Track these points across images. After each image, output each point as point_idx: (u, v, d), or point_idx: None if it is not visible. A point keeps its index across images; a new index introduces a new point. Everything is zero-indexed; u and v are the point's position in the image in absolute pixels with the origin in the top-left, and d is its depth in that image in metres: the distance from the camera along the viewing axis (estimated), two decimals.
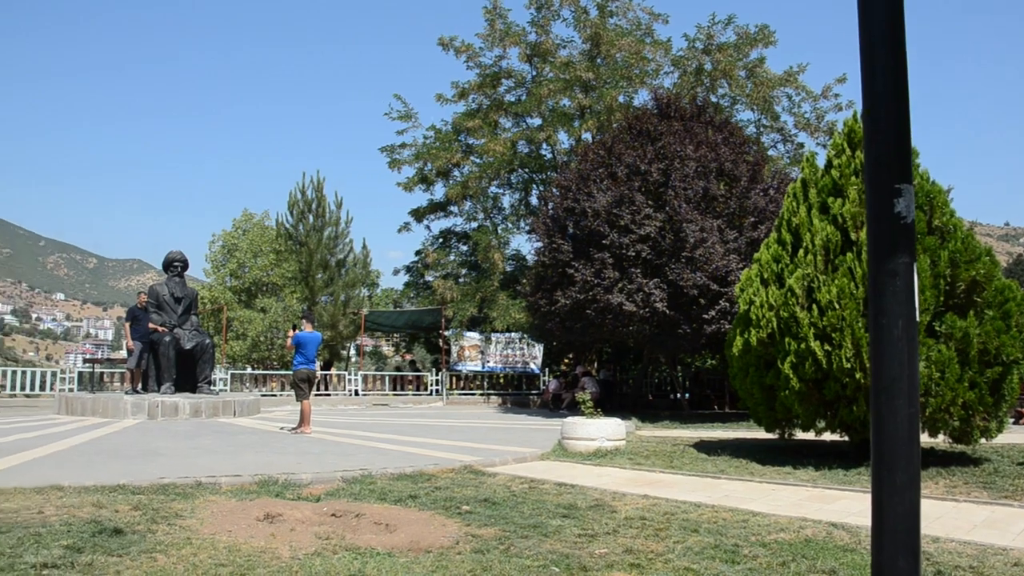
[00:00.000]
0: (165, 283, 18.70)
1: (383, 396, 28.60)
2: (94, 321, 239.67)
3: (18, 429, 13.94)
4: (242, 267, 35.33)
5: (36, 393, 23.69)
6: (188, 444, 12.06)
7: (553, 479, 9.26)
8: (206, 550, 5.55)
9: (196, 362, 18.19)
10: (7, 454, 10.30)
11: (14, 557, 5.26)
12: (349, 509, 7.08)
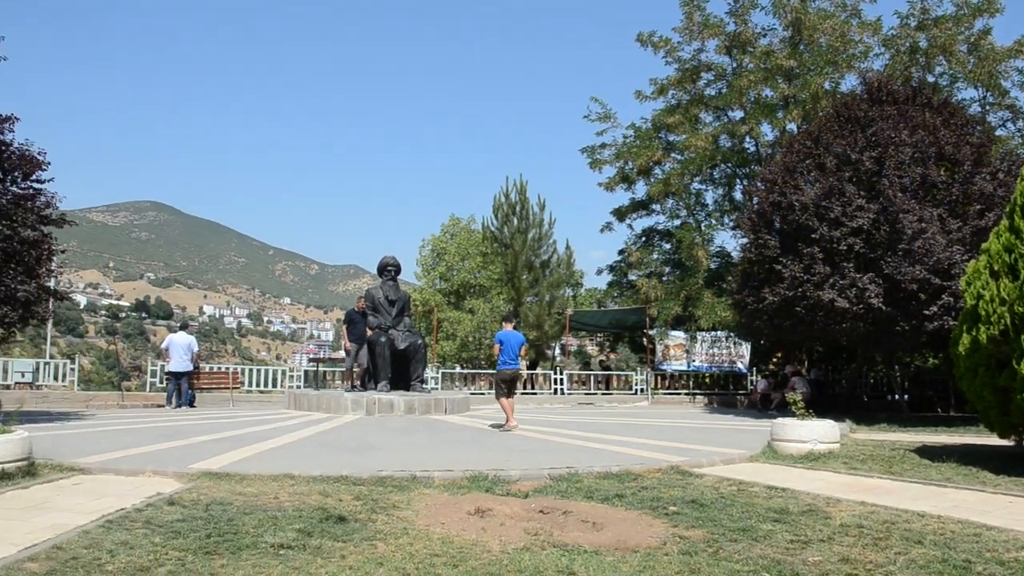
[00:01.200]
0: (380, 287, 19.73)
1: (588, 395, 28.79)
2: (316, 323, 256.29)
3: (255, 422, 15.20)
4: (451, 270, 36.72)
5: (268, 389, 25.70)
6: (403, 439, 12.68)
7: (763, 482, 8.99)
8: (421, 540, 5.84)
9: (409, 361, 19.06)
10: (247, 444, 11.30)
11: (256, 536, 5.80)
12: (556, 506, 7.21)
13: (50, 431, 12.48)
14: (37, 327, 20.16)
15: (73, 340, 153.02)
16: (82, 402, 21.17)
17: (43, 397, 21.48)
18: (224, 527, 6.07)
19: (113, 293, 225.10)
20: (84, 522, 6.33)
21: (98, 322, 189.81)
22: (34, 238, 14.35)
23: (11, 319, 13.93)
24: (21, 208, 14.23)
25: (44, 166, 14.94)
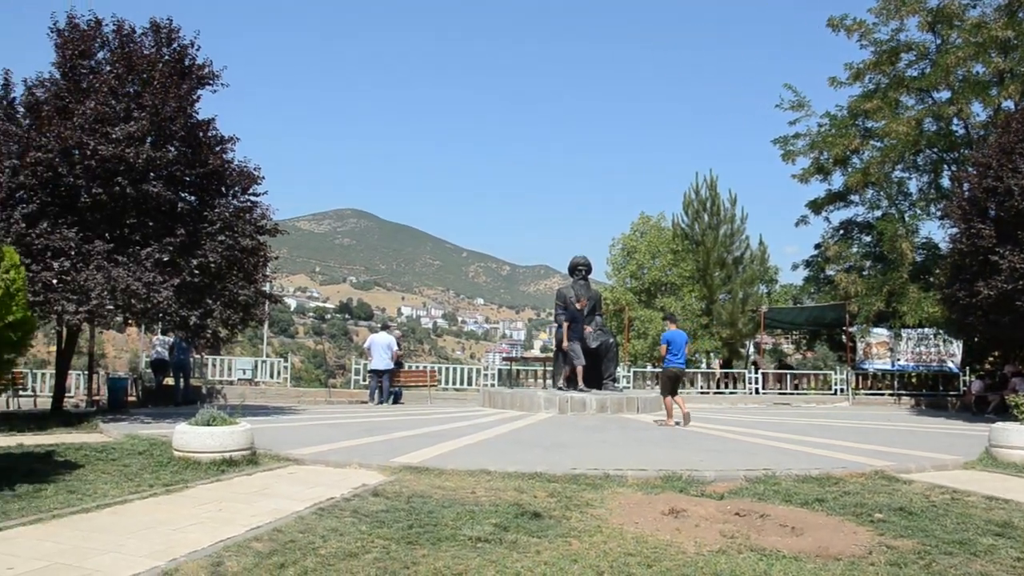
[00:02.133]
0: (571, 286, 19.92)
1: (784, 395, 27.80)
2: (508, 323, 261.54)
3: (451, 419, 15.75)
4: (641, 268, 36.51)
5: (463, 387, 26.52)
6: (595, 437, 12.75)
7: (981, 491, 8.37)
8: (615, 539, 5.87)
9: (601, 360, 19.13)
10: (445, 440, 11.74)
11: (455, 529, 6.03)
12: (753, 509, 7.03)
13: (267, 424, 13.48)
14: (255, 328, 21.79)
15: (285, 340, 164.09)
16: (294, 398, 22.66)
17: (261, 393, 23.19)
18: (424, 519, 6.35)
19: (319, 296, 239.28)
20: (299, 508, 6.81)
21: (306, 323, 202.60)
22: (252, 247, 15.57)
23: (234, 321, 15.17)
24: (241, 220, 15.47)
25: (259, 180, 16.19)
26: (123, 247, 13.97)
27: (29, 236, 13.04)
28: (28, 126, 14.25)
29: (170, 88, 14.72)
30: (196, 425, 9.27)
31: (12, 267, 7.73)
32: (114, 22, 15.34)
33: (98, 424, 13.53)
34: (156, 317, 14.48)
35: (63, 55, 14.93)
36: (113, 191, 13.80)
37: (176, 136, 14.87)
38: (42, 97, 14.51)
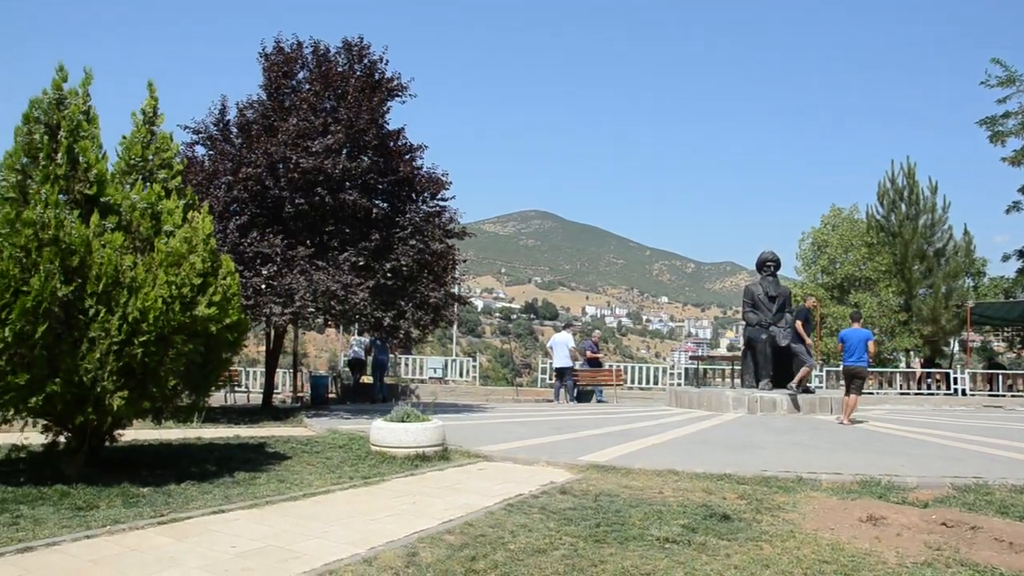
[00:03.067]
0: (759, 283, 19.34)
1: (994, 397, 25.78)
2: (693, 321, 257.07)
3: (637, 418, 15.69)
4: (833, 263, 34.95)
5: (648, 386, 26.35)
6: (786, 439, 12.33)
7: None
8: (809, 545, 5.67)
9: (792, 359, 18.47)
10: (631, 439, 11.72)
11: (642, 528, 6.02)
12: (962, 520, 6.59)
13: (457, 421, 13.91)
14: (444, 328, 22.56)
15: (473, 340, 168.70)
16: (482, 396, 23.28)
17: (451, 391, 23.98)
18: (612, 517, 6.38)
19: (505, 296, 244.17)
20: (489, 504, 7.01)
21: (493, 323, 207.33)
22: (441, 250, 16.16)
23: (425, 322, 15.80)
24: (430, 224, 16.11)
25: (447, 185, 16.79)
26: (323, 252, 14.88)
27: (242, 245, 14.14)
28: (240, 145, 15.46)
29: (362, 102, 15.57)
30: (391, 422, 9.73)
31: (228, 274, 8.42)
32: (312, 43, 16.39)
33: (303, 419, 14.45)
34: (353, 318, 15.30)
35: (269, 77, 16.14)
36: (313, 200, 14.74)
37: (369, 146, 15.69)
38: (251, 117, 15.71)
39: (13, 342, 6.84)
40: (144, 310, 7.27)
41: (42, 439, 8.63)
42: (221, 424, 13.54)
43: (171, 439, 11.17)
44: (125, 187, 8.50)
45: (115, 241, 7.48)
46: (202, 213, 8.41)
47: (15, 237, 7.06)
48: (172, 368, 7.66)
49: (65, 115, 7.99)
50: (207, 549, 5.54)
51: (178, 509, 6.72)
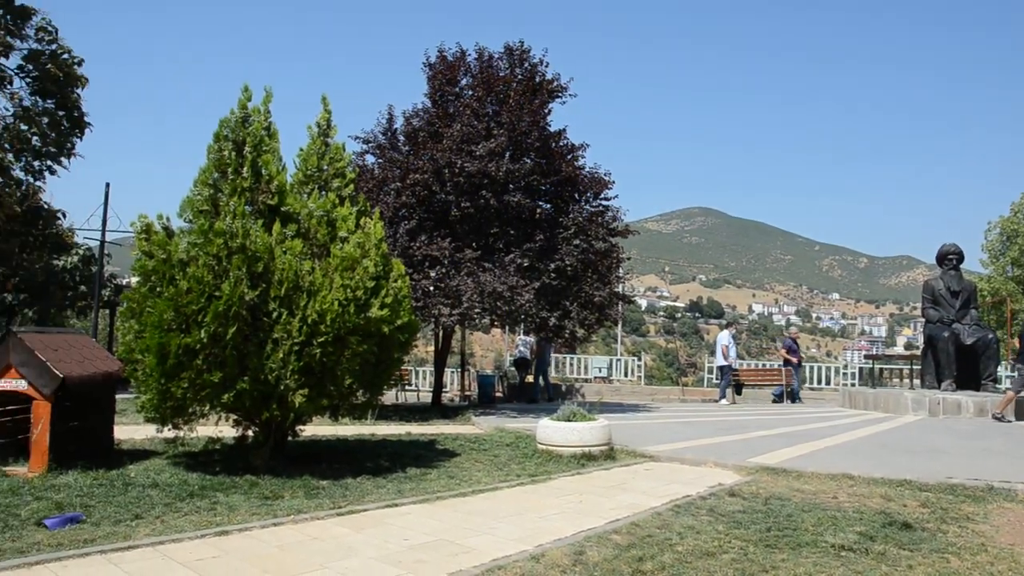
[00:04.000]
0: (940, 277, 18.25)
1: None
2: (867, 319, 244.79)
3: (808, 419, 15.14)
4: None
5: (819, 387, 25.33)
6: (973, 444, 11.57)
7: None
8: (1003, 560, 5.30)
9: (978, 358, 17.31)
10: (803, 441, 11.33)
11: (815, 535, 5.81)
12: None
13: (623, 420, 13.87)
14: (609, 328, 22.52)
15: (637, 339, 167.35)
16: (647, 395, 23.09)
17: (616, 390, 23.92)
18: (783, 522, 6.20)
19: (669, 295, 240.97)
20: (655, 504, 6.97)
21: (657, 322, 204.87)
22: (605, 249, 16.17)
23: (590, 321, 15.85)
24: (594, 223, 16.15)
25: (610, 185, 16.78)
26: (488, 254, 15.19)
27: (411, 248, 14.65)
28: (407, 152, 16.02)
29: (524, 105, 15.80)
30: (558, 420, 9.82)
31: (399, 277, 8.76)
32: (475, 50, 16.77)
33: (471, 417, 14.80)
34: (519, 318, 15.53)
35: (433, 86, 16.66)
36: (479, 203, 15.08)
37: (531, 148, 15.90)
38: (417, 125, 16.26)
39: (208, 343, 7.40)
40: (322, 312, 7.68)
41: (233, 432, 9.27)
42: (393, 421, 14.08)
43: (347, 435, 11.72)
44: (303, 196, 9.01)
45: (295, 248, 7.95)
46: (373, 219, 8.79)
47: (208, 246, 7.64)
48: (348, 367, 8.04)
49: (249, 132, 8.55)
50: (382, 540, 5.80)
51: (355, 502, 7.06)
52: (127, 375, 8.41)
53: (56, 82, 18.12)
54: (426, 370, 26.66)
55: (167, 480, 7.69)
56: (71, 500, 6.77)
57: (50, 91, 18.21)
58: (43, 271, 18.41)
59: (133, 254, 8.35)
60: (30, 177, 18.39)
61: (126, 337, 8.27)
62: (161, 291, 7.76)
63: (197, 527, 6.03)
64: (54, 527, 5.92)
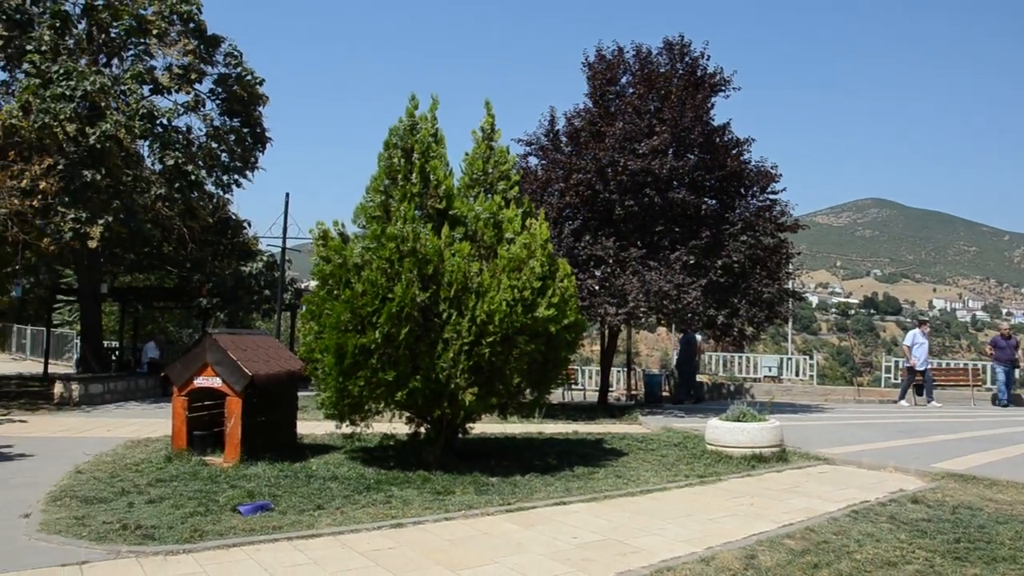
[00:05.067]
0: None
1: None
2: None
3: (1002, 423, 14.09)
4: None
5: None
6: None
7: None
8: None
9: None
10: (995, 446, 10.56)
11: (1014, 549, 5.41)
12: None
13: (795, 421, 13.41)
14: (779, 326, 21.82)
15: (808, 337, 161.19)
16: (820, 396, 22.19)
17: (786, 390, 23.12)
18: (974, 533, 5.82)
19: (842, 291, 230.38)
20: (831, 509, 6.71)
21: (829, 319, 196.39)
22: (773, 244, 15.69)
23: (759, 319, 15.41)
24: (761, 218, 15.71)
25: (777, 178, 16.27)
26: (653, 252, 15.06)
27: (576, 248, 14.73)
28: (569, 152, 16.11)
29: (686, 100, 15.57)
30: (727, 420, 9.62)
31: (565, 276, 8.83)
32: (634, 47, 16.67)
33: (637, 416, 14.70)
34: (685, 317, 15.32)
35: (593, 85, 16.69)
36: (642, 201, 14.98)
37: (695, 144, 15.65)
38: (579, 125, 16.32)
39: (382, 343, 7.71)
40: (490, 313, 7.85)
41: (406, 429, 9.63)
42: (560, 420, 14.19)
43: (515, 433, 11.92)
44: (470, 199, 9.23)
45: (463, 250, 8.16)
46: (538, 220, 8.90)
47: (381, 250, 7.97)
48: (516, 366, 8.18)
49: (417, 139, 8.86)
50: (550, 538, 5.87)
51: (523, 499, 7.18)
52: (308, 374, 8.90)
53: (241, 102, 19.41)
54: (591, 369, 26.71)
55: (345, 473, 8.08)
56: (260, 489, 7.23)
57: (236, 111, 19.52)
58: (232, 277, 19.73)
59: (312, 259, 8.84)
60: (219, 190, 19.81)
61: (307, 338, 8.75)
62: (338, 294, 8.16)
63: (374, 519, 6.30)
64: (247, 513, 6.35)
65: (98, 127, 15.60)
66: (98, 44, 18.32)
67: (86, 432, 11.50)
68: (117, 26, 17.98)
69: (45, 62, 16.11)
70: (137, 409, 14.84)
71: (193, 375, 8.82)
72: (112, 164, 16.09)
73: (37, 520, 6.18)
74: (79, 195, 15.59)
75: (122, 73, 18.03)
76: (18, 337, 31.73)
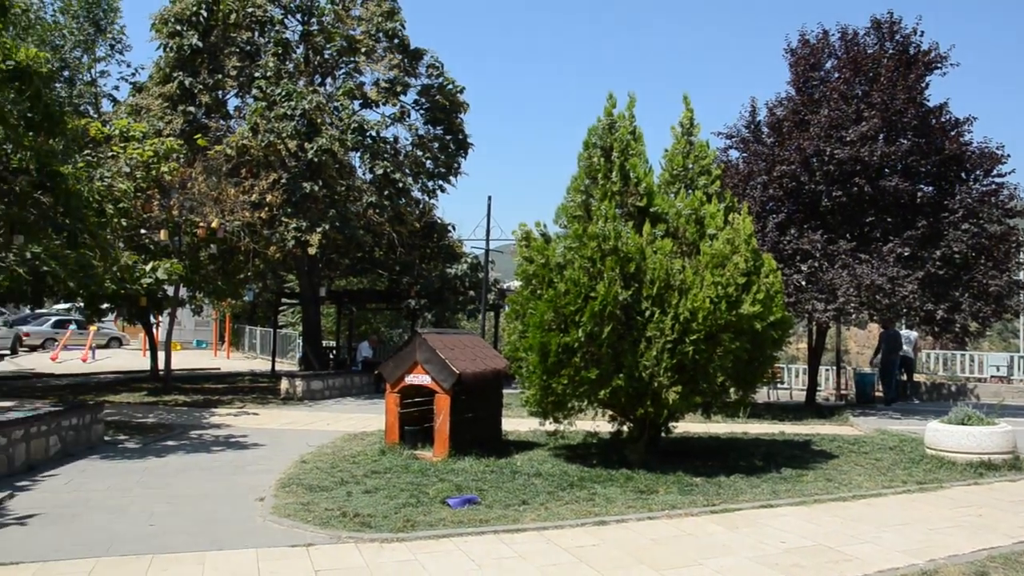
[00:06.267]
0: None
1: None
2: None
3: None
4: None
5: None
6: None
7: None
8: None
9: None
10: None
11: None
12: None
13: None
14: (1008, 321, 20.15)
15: None
16: None
17: (1018, 391, 21.26)
18: None
19: None
20: None
21: None
22: (1000, 232, 14.47)
23: (984, 313, 14.25)
24: (986, 204, 14.51)
25: (1004, 160, 14.97)
26: (864, 245, 14.31)
27: (780, 243, 14.23)
28: (772, 143, 15.58)
29: (897, 81, 14.66)
30: (950, 424, 9.01)
31: (770, 272, 8.57)
32: (839, 29, 15.88)
33: (848, 417, 14.03)
34: (900, 312, 14.43)
35: (796, 72, 16.03)
36: (851, 191, 14.26)
37: (908, 128, 14.70)
38: (781, 115, 15.74)
39: (585, 341, 7.81)
40: (693, 310, 7.76)
41: (608, 428, 9.68)
42: (765, 420, 13.78)
43: (718, 433, 11.69)
44: (670, 196, 9.17)
45: (665, 247, 8.11)
46: (742, 214, 8.70)
47: (583, 250, 8.06)
48: (720, 365, 8.04)
49: (615, 137, 8.89)
50: (757, 541, 5.73)
51: (728, 500, 7.04)
52: (512, 372, 9.14)
53: (443, 110, 20.27)
54: (798, 368, 25.65)
55: (549, 470, 8.23)
56: (467, 483, 7.51)
57: (439, 119, 20.41)
58: (439, 278, 20.53)
59: (515, 260, 9.08)
60: (425, 196, 20.76)
61: (511, 337, 9.00)
62: (541, 293, 8.33)
63: (577, 516, 6.40)
64: (455, 506, 6.62)
65: (315, 142, 16.75)
66: (313, 66, 19.69)
67: (308, 425, 12.35)
68: (329, 48, 19.28)
69: (270, 86, 17.52)
70: (353, 405, 15.74)
71: (404, 373, 9.27)
72: (328, 175, 17.25)
73: (270, 504, 6.74)
74: (300, 206, 16.80)
75: (335, 90, 19.30)
76: (249, 337, 34.52)
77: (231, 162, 17.01)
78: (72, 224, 10.51)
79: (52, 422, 8.97)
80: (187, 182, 16.02)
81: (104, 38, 25.66)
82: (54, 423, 9.01)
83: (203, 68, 18.50)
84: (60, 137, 10.88)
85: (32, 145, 10.16)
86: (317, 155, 16.72)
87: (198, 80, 18.25)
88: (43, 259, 9.92)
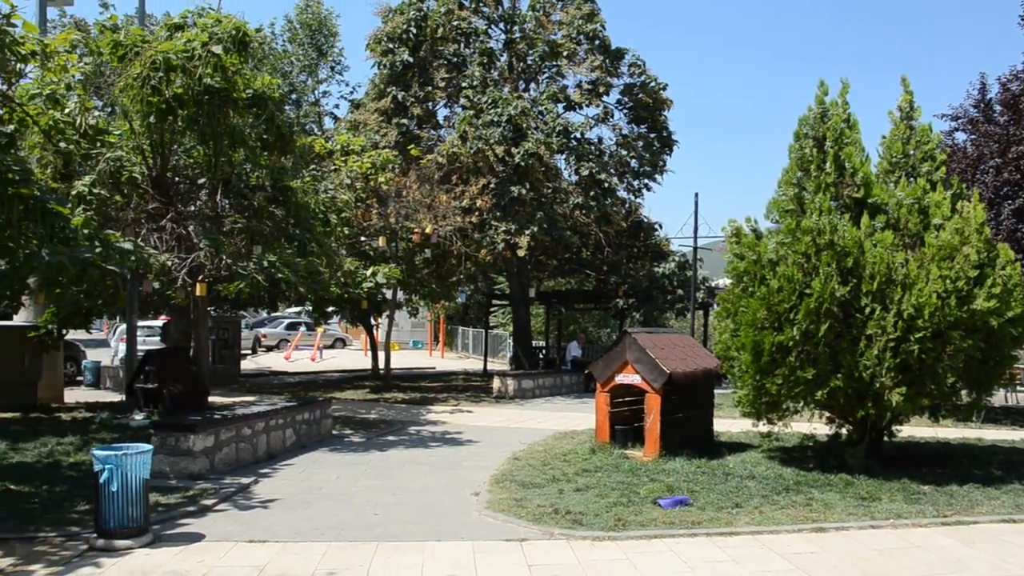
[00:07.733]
0: None
1: None
2: None
3: None
4: None
5: None
6: None
7: None
8: None
9: None
10: None
11: None
12: None
13: None
14: None
15: None
16: None
17: None
18: None
19: None
20: None
21: None
22: None
23: None
24: None
25: None
26: None
27: (1018, 232, 13.07)
28: (1006, 122, 14.31)
29: None
30: None
31: (1007, 263, 7.85)
32: None
33: None
34: None
35: None
36: None
37: None
38: (1017, 90, 14.40)
39: (800, 340, 7.51)
40: (918, 306, 7.26)
41: (825, 430, 9.25)
42: (1003, 425, 12.68)
43: (948, 438, 10.87)
44: (889, 185, 8.65)
45: (885, 240, 7.65)
46: (972, 202, 8.05)
47: (796, 244, 7.76)
48: (949, 364, 7.47)
49: (828, 126, 8.48)
50: (997, 559, 5.30)
51: (962, 512, 6.55)
52: (724, 371, 8.94)
53: (646, 108, 20.10)
54: None
55: (763, 473, 7.98)
56: (679, 484, 7.42)
57: (642, 117, 20.26)
58: (646, 277, 20.38)
59: (724, 257, 8.87)
60: (631, 195, 20.72)
61: (722, 335, 8.80)
62: (753, 291, 8.10)
63: (794, 521, 6.17)
64: (667, 507, 6.57)
65: (522, 146, 17.13)
66: (517, 72, 20.14)
67: (520, 423, 12.63)
68: (532, 54, 19.66)
69: (476, 95, 18.12)
70: (562, 403, 15.93)
71: (614, 372, 9.30)
72: (535, 179, 17.59)
73: (484, 499, 6.97)
74: (508, 209, 17.24)
75: (538, 95, 19.65)
76: (462, 338, 35.77)
77: (442, 170, 17.72)
78: (302, 234, 11.35)
79: (288, 416, 9.76)
80: (402, 190, 16.87)
81: (325, 61, 27.58)
82: (290, 417, 9.79)
83: (414, 82, 19.38)
84: (290, 155, 11.84)
85: (267, 164, 11.13)
86: (524, 159, 17.08)
87: (409, 93, 19.15)
88: (277, 267, 10.74)
